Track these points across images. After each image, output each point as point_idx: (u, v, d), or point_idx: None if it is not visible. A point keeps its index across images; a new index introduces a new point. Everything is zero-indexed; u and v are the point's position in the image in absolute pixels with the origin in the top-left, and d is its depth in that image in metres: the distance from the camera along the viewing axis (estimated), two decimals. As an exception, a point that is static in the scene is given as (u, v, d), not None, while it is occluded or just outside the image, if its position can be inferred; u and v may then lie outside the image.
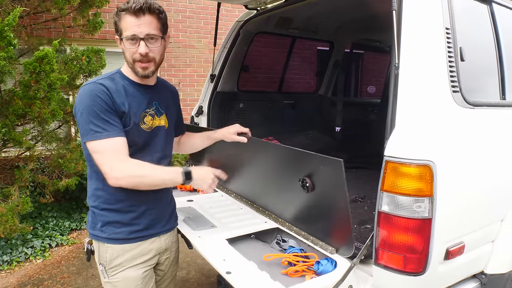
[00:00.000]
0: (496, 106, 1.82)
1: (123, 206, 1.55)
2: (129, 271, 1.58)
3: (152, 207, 1.62)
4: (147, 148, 1.59)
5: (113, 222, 1.56)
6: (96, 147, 1.43)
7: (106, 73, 1.58)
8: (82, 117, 1.43)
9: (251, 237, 1.89)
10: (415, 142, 1.38)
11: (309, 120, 4.13)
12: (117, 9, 1.49)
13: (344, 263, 1.52)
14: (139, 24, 1.45)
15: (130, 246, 1.57)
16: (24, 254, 3.82)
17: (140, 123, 1.55)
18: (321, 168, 1.57)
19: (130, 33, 1.46)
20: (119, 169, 1.43)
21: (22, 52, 4.35)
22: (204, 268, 3.57)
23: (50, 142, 3.91)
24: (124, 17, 1.46)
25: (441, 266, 1.46)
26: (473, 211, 1.60)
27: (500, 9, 1.91)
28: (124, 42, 1.48)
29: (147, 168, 1.50)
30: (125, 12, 1.46)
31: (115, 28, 1.53)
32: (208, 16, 6.24)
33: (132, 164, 1.47)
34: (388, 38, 1.55)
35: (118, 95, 1.50)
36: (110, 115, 1.45)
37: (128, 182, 1.46)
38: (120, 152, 1.45)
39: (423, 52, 1.46)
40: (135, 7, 1.43)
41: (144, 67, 1.52)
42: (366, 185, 2.32)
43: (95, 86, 1.46)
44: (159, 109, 1.65)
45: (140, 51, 1.47)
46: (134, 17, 1.45)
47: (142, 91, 1.59)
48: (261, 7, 2.92)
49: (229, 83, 3.23)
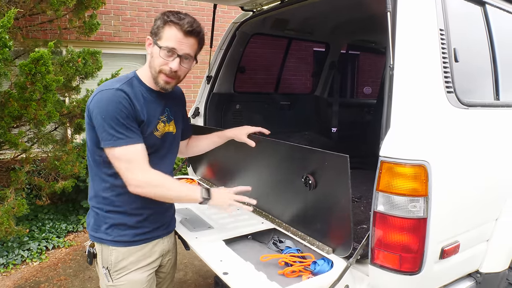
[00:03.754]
0: (490, 106, 1.83)
1: (130, 209, 1.55)
2: (134, 274, 1.58)
3: (158, 211, 1.63)
4: (154, 154, 1.58)
5: (118, 225, 1.55)
6: (118, 153, 1.43)
7: (122, 77, 1.56)
8: (104, 122, 1.41)
9: (248, 238, 1.89)
10: (410, 143, 1.39)
11: (306, 121, 4.14)
12: (165, 16, 1.47)
13: (341, 263, 1.53)
14: (183, 42, 1.47)
15: (135, 249, 1.58)
16: (20, 256, 3.80)
17: (154, 131, 1.56)
18: (326, 164, 1.58)
19: (171, 45, 1.46)
20: (141, 177, 1.44)
21: (18, 54, 4.34)
22: (201, 269, 3.57)
23: (46, 144, 3.90)
24: (172, 28, 1.46)
25: (436, 265, 1.47)
26: (468, 210, 1.62)
27: (493, 10, 1.92)
28: (160, 50, 1.47)
29: (168, 181, 1.51)
30: (175, 25, 1.45)
31: (154, 30, 1.50)
32: (204, 17, 6.25)
33: (154, 174, 1.47)
34: (383, 39, 1.57)
35: (138, 102, 1.49)
36: (131, 122, 1.45)
37: (147, 191, 1.47)
38: (142, 160, 1.45)
39: (417, 53, 1.48)
40: (188, 28, 1.45)
41: (167, 82, 1.53)
42: (362, 185, 2.33)
43: (117, 93, 1.44)
44: (170, 115, 1.66)
45: (172, 66, 1.48)
46: (182, 34, 1.46)
47: (157, 98, 1.59)
48: (257, 9, 2.93)
49: (226, 85, 3.23)
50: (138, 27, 5.94)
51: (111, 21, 5.72)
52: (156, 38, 1.49)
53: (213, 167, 2.72)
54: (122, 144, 1.42)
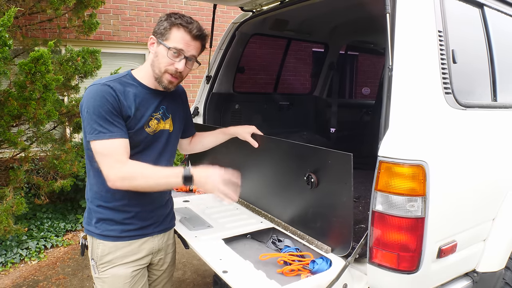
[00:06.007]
0: (488, 107, 1.85)
1: (118, 205, 1.57)
2: (118, 269, 1.60)
3: (147, 209, 1.64)
4: (146, 150, 1.60)
5: (106, 220, 1.58)
6: (98, 146, 1.45)
7: (115, 75, 1.59)
8: (88, 116, 1.45)
9: (247, 237, 1.91)
10: (408, 143, 1.40)
11: (304, 121, 4.15)
12: (173, 18, 1.50)
13: (339, 262, 1.55)
14: (191, 45, 1.52)
15: (122, 244, 1.59)
16: (19, 255, 3.80)
17: (145, 127, 1.57)
18: (329, 163, 1.59)
19: (179, 46, 1.50)
20: (118, 170, 1.44)
21: (17, 52, 4.34)
22: (200, 268, 3.58)
23: (45, 143, 3.90)
24: (180, 30, 1.50)
25: (434, 264, 1.49)
26: (465, 210, 1.63)
27: (491, 12, 1.94)
28: (167, 50, 1.49)
29: (146, 170, 1.48)
30: (184, 28, 1.49)
31: (160, 31, 1.52)
32: (204, 17, 6.25)
33: (131, 166, 1.47)
34: (382, 40, 1.58)
35: (126, 98, 1.51)
36: (115, 117, 1.46)
37: (126, 185, 1.46)
38: (120, 154, 1.45)
39: (416, 54, 1.49)
40: (196, 32, 1.51)
41: (171, 81, 1.56)
42: (360, 185, 2.35)
43: (103, 87, 1.47)
44: (166, 113, 1.67)
45: (177, 66, 1.52)
46: (190, 37, 1.51)
47: (151, 95, 1.61)
48: (257, 9, 2.94)
49: (225, 85, 3.24)
50: (138, 27, 5.94)
51: (110, 20, 5.72)
52: (162, 38, 1.51)
53: (213, 165, 2.72)
54: (103, 138, 1.43)
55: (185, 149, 2.01)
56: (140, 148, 1.57)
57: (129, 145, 1.51)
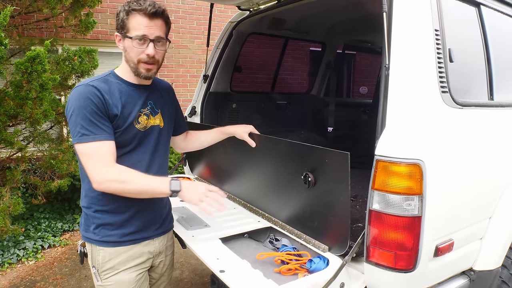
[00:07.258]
0: (484, 106, 1.85)
1: (115, 208, 1.55)
2: (122, 275, 1.57)
3: (144, 209, 1.61)
4: (139, 148, 1.59)
5: (105, 225, 1.55)
6: (82, 149, 1.43)
7: (100, 75, 1.58)
8: (72, 118, 1.43)
9: (244, 236, 1.90)
10: (405, 142, 1.41)
11: (302, 120, 4.15)
12: (126, 6, 1.48)
13: (336, 261, 1.55)
14: (151, 26, 1.47)
15: (123, 249, 1.57)
16: (16, 255, 3.79)
17: (134, 123, 1.55)
18: (326, 162, 1.59)
19: (140, 33, 1.46)
20: (102, 173, 1.42)
21: (13, 52, 4.31)
22: (198, 268, 3.58)
23: (42, 143, 3.88)
24: (135, 17, 1.46)
25: (430, 263, 1.49)
26: (462, 209, 1.63)
27: (488, 11, 1.94)
28: (131, 41, 1.48)
29: (133, 175, 1.46)
30: (138, 12, 1.46)
31: (120, 25, 1.50)
32: (201, 16, 6.24)
33: (117, 169, 1.44)
34: (379, 39, 1.58)
35: (111, 96, 1.49)
36: (99, 118, 1.44)
37: (109, 187, 1.44)
38: (105, 156, 1.43)
39: (413, 53, 1.49)
40: (151, 10, 1.45)
41: (148, 69, 1.53)
42: (358, 184, 2.35)
43: (86, 88, 1.45)
44: (154, 108, 1.65)
45: (148, 52, 1.48)
46: (147, 18, 1.46)
47: (137, 91, 1.59)
48: (254, 8, 2.93)
49: (222, 84, 3.24)
50: (135, 26, 5.91)
51: (107, 19, 5.70)
52: (124, 31, 1.49)
53: (210, 165, 2.73)
54: (86, 141, 1.41)
55: (180, 147, 1.99)
56: (133, 146, 1.56)
57: (122, 143, 1.49)
